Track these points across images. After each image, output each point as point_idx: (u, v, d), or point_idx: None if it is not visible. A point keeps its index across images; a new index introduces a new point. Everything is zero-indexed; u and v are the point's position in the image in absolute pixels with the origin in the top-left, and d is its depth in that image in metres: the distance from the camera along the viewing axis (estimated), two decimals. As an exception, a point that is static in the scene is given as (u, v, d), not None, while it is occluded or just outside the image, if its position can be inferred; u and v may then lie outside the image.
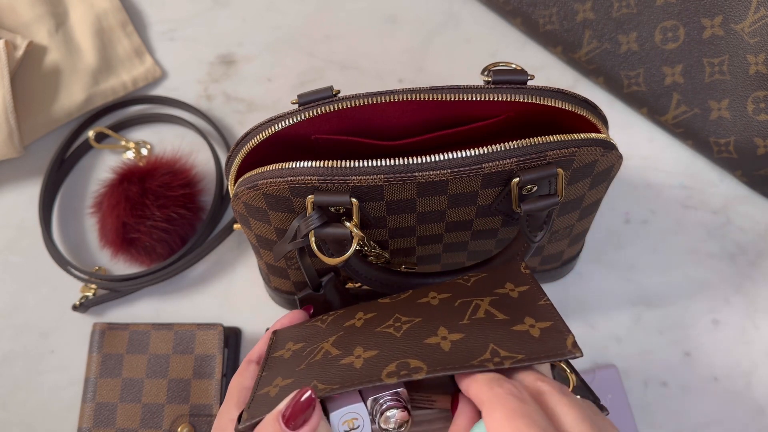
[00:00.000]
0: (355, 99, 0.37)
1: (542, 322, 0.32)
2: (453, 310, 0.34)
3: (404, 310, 0.35)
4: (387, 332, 0.33)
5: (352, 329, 0.35)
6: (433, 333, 0.32)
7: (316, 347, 0.35)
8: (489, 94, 0.37)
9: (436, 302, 0.35)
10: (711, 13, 0.50)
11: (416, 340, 0.32)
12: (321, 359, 0.33)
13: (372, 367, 0.31)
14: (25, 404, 0.52)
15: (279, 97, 0.60)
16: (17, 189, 0.58)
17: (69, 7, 0.60)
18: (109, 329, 0.52)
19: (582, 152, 0.36)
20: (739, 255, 0.55)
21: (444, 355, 0.30)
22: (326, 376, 0.31)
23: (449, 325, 0.33)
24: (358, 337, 0.34)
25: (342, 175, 0.35)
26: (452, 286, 0.37)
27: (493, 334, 0.31)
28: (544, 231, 0.39)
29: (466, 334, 0.32)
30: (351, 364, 0.32)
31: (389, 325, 0.34)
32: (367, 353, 0.32)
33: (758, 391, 0.51)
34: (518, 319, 0.32)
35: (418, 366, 0.30)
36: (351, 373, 0.31)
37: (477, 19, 0.62)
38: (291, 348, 0.37)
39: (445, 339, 0.32)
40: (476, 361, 0.30)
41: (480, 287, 0.36)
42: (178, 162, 0.55)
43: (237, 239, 0.56)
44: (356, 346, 0.33)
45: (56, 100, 0.58)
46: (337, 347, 0.34)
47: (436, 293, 0.36)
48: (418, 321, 0.34)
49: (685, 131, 0.55)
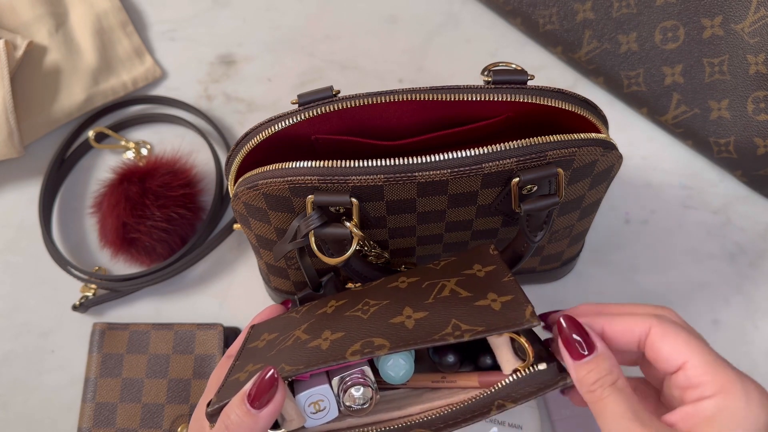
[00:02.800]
0: (355, 99, 0.37)
1: (504, 296, 0.33)
2: (419, 291, 0.35)
3: (373, 295, 0.37)
4: (355, 315, 0.35)
5: (323, 316, 0.37)
6: (398, 313, 0.34)
7: (288, 335, 0.37)
8: (489, 94, 0.37)
9: (405, 285, 0.37)
10: (711, 13, 0.50)
11: (382, 320, 0.34)
12: (291, 345, 0.35)
13: (337, 347, 0.33)
14: (25, 404, 0.52)
15: (279, 97, 0.60)
16: (17, 189, 0.58)
17: (69, 7, 0.60)
18: (109, 329, 0.52)
19: (582, 152, 0.36)
20: (739, 255, 0.55)
21: (407, 333, 0.32)
22: (293, 359, 0.33)
23: (414, 305, 0.34)
24: (328, 322, 0.36)
25: (342, 175, 0.35)
26: (422, 270, 0.38)
27: (456, 310, 0.33)
28: (544, 231, 0.39)
29: (430, 312, 0.33)
30: (318, 346, 0.33)
31: (357, 309, 0.36)
32: (334, 335, 0.34)
33: (758, 391, 0.51)
34: (481, 296, 0.33)
35: (381, 344, 0.32)
36: (317, 354, 0.33)
37: (477, 19, 0.62)
38: (265, 338, 0.38)
39: (410, 318, 0.33)
40: (437, 335, 0.31)
41: (448, 269, 0.37)
42: (178, 162, 0.55)
43: (237, 239, 0.56)
44: (324, 330, 0.35)
45: (56, 100, 0.58)
46: (307, 333, 0.35)
47: (405, 278, 0.38)
48: (386, 303, 0.35)
49: (685, 131, 0.55)
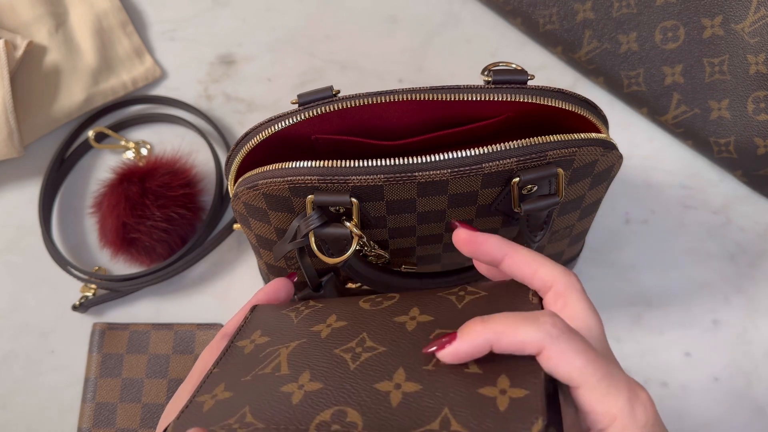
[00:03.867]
0: (355, 99, 0.37)
1: (517, 388, 0.26)
2: (424, 344, 0.30)
3: (374, 330, 0.32)
4: (343, 359, 0.31)
5: (315, 339, 0.33)
6: (388, 376, 0.29)
7: (274, 351, 0.33)
8: (489, 94, 0.37)
9: (413, 326, 0.31)
10: (711, 13, 0.50)
11: (367, 381, 0.29)
12: (269, 374, 0.31)
13: (308, 408, 0.28)
14: (25, 404, 0.52)
15: (279, 97, 0.60)
16: (17, 189, 0.58)
17: (69, 7, 0.60)
18: (109, 329, 0.52)
19: (582, 152, 0.36)
20: (739, 255, 0.55)
21: (388, 412, 0.27)
22: (260, 407, 0.29)
23: (411, 368, 0.29)
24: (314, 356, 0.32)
25: (342, 175, 0.35)
26: (441, 304, 0.33)
27: (454, 395, 0.27)
28: (544, 231, 0.39)
29: (424, 387, 0.27)
30: (290, 396, 0.29)
31: (350, 349, 0.31)
32: (311, 384, 0.29)
33: (758, 391, 0.51)
34: (491, 377, 0.27)
35: (353, 422, 0.27)
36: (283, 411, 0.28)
37: (477, 19, 0.62)
38: (255, 340, 0.35)
39: (399, 388, 0.28)
40: (420, 430, 0.26)
41: (470, 314, 0.31)
42: (178, 162, 0.55)
43: (237, 239, 0.56)
44: (305, 370, 0.30)
45: (56, 100, 0.58)
46: (290, 362, 0.32)
47: (418, 311, 0.33)
48: (381, 351, 0.30)
49: (685, 131, 0.55)
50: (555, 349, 0.26)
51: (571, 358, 0.26)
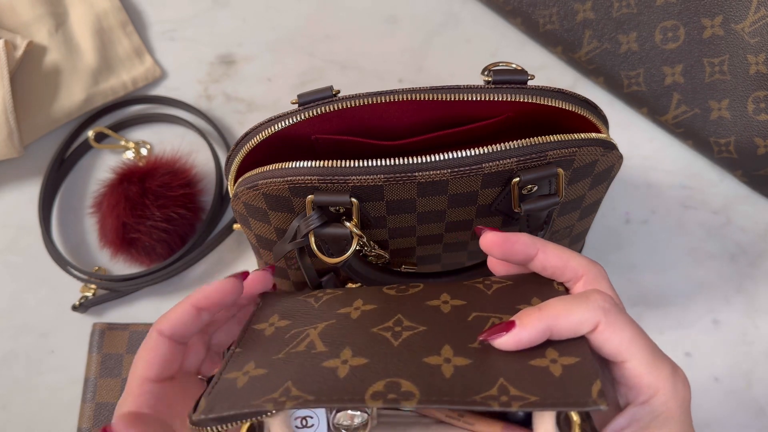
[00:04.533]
0: (355, 99, 0.37)
1: (567, 357, 0.27)
2: (465, 326, 0.29)
3: (409, 312, 0.31)
4: (383, 337, 0.29)
5: (345, 320, 0.31)
6: (436, 351, 0.28)
7: (302, 332, 0.31)
8: (489, 94, 0.37)
9: (448, 309, 0.31)
10: (711, 13, 0.50)
11: (415, 355, 0.28)
12: (303, 351, 0.29)
13: (357, 381, 0.27)
14: (25, 404, 0.52)
15: (279, 97, 0.60)
16: (17, 189, 0.58)
17: (69, 7, 0.60)
18: (109, 329, 0.52)
19: (582, 152, 0.36)
20: (739, 255, 0.55)
21: (443, 383, 0.26)
22: (303, 381, 0.27)
23: (456, 345, 0.28)
24: (350, 334, 0.30)
25: (342, 175, 0.35)
26: (470, 290, 0.32)
27: (506, 367, 0.27)
28: (544, 231, 0.39)
29: (474, 361, 0.27)
30: (335, 370, 0.28)
31: (388, 328, 0.30)
32: (355, 360, 0.28)
33: (758, 391, 0.51)
34: (539, 351, 0.27)
35: (409, 391, 0.25)
36: (331, 385, 0.27)
37: (477, 19, 0.62)
38: (275, 323, 0.33)
39: (449, 362, 0.27)
40: (479, 396, 0.25)
41: (501, 299, 0.31)
42: (178, 162, 0.55)
43: (237, 239, 0.56)
44: (345, 347, 0.29)
45: (56, 100, 0.58)
46: (324, 341, 0.30)
47: (449, 296, 0.32)
48: (422, 330, 0.29)
49: (686, 131, 0.55)
50: (607, 323, 0.27)
51: (622, 330, 0.27)
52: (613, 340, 0.27)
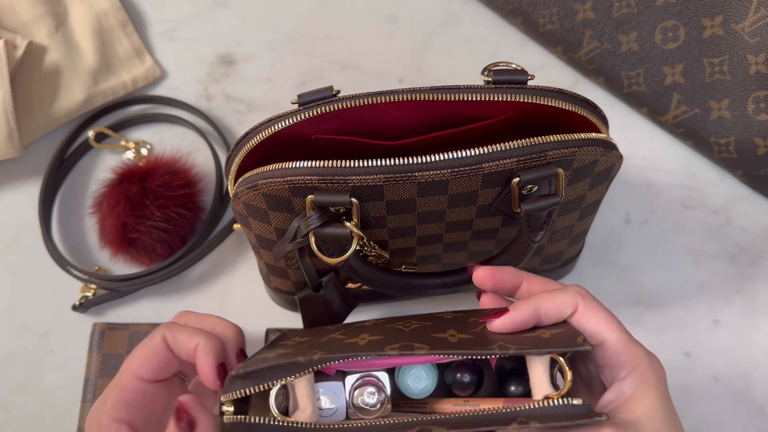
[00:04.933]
0: (355, 99, 0.37)
1: (554, 329, 0.33)
2: (465, 323, 0.35)
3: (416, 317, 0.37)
4: (396, 328, 0.35)
5: (360, 327, 0.36)
6: (442, 331, 0.34)
7: (323, 337, 0.36)
8: (489, 94, 0.37)
9: (450, 316, 0.37)
10: (711, 13, 0.50)
11: (424, 333, 0.33)
12: (326, 341, 0.34)
13: (375, 346, 0.32)
14: (25, 404, 0.52)
15: (279, 97, 0.60)
16: (17, 189, 0.58)
17: (69, 7, 0.60)
18: (109, 329, 0.52)
19: (582, 152, 0.36)
20: (739, 255, 0.55)
21: (449, 346, 0.32)
22: (328, 348, 0.32)
23: (459, 329, 0.34)
24: (366, 330, 0.35)
25: (342, 175, 0.35)
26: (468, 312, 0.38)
27: (502, 337, 0.33)
28: (544, 231, 0.39)
29: (475, 336, 0.33)
30: (355, 343, 0.33)
31: (399, 324, 0.36)
32: (372, 337, 0.33)
33: (758, 391, 0.51)
34: (530, 330, 0.33)
35: (420, 346, 0.31)
36: (354, 347, 0.32)
37: (477, 19, 0.62)
38: (297, 340, 0.37)
39: (454, 336, 0.33)
40: (481, 349, 0.31)
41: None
42: (178, 162, 0.55)
43: (237, 239, 0.56)
44: (362, 333, 0.34)
45: (56, 100, 0.58)
46: (343, 334, 0.35)
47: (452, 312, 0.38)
48: (429, 324, 0.35)
49: (686, 131, 0.55)
50: (585, 305, 0.32)
51: (598, 311, 0.32)
52: (591, 320, 0.32)
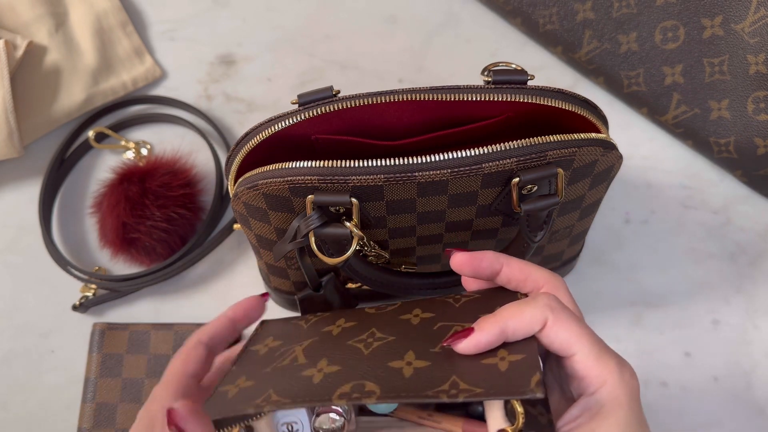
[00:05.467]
0: (355, 99, 0.37)
1: (515, 354, 0.30)
2: (429, 333, 0.33)
3: (382, 325, 0.35)
4: (356, 347, 0.33)
5: (327, 336, 0.35)
6: (399, 356, 0.32)
7: (289, 349, 0.35)
8: (489, 94, 0.37)
9: (417, 321, 0.34)
10: (711, 13, 0.50)
11: (381, 361, 0.32)
12: (288, 365, 0.33)
13: (328, 385, 0.31)
14: (25, 404, 0.52)
15: (279, 97, 0.60)
16: (17, 189, 0.58)
17: (69, 7, 0.60)
18: (109, 329, 0.52)
19: (582, 152, 0.36)
20: (739, 255, 0.55)
21: (402, 382, 0.30)
22: (283, 388, 0.31)
23: (419, 351, 0.32)
24: (328, 347, 0.34)
25: (342, 175, 0.35)
26: (440, 304, 0.36)
27: (460, 366, 0.30)
28: (544, 231, 0.39)
29: (432, 363, 0.31)
30: (310, 377, 0.31)
31: (361, 340, 0.34)
32: (329, 368, 0.32)
33: (758, 391, 0.51)
34: (492, 351, 0.31)
35: (371, 390, 0.30)
36: (306, 389, 0.31)
37: (477, 19, 0.62)
38: (268, 344, 0.37)
39: (410, 365, 0.31)
40: (431, 391, 0.29)
41: (467, 310, 0.34)
42: (178, 162, 0.55)
43: (237, 239, 0.56)
44: (322, 358, 0.33)
45: (56, 100, 0.58)
46: (306, 355, 0.34)
47: (420, 311, 0.36)
48: (391, 340, 0.33)
49: (685, 131, 0.55)
50: (555, 319, 0.30)
51: (568, 325, 0.30)
52: (560, 335, 0.30)
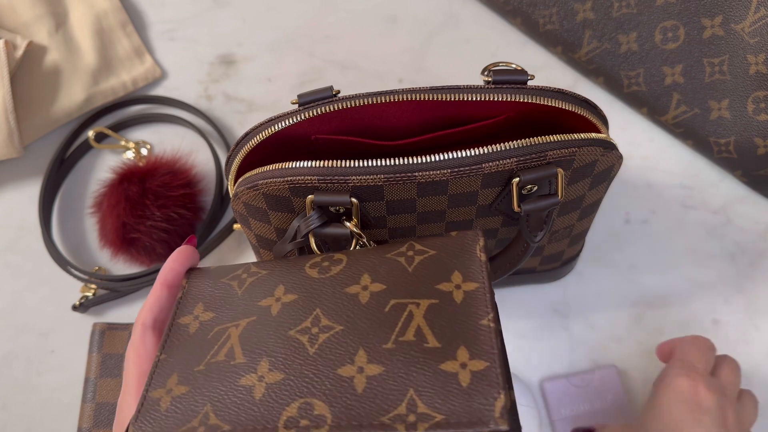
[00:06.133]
0: (355, 99, 0.37)
1: (477, 360, 0.27)
2: (381, 319, 0.30)
3: (327, 304, 0.31)
4: (300, 341, 0.30)
5: (265, 316, 0.32)
6: (349, 359, 0.29)
7: (224, 331, 0.32)
8: (489, 94, 0.37)
9: (366, 299, 0.31)
10: (711, 13, 0.50)
11: (329, 366, 0.29)
12: (223, 362, 0.30)
13: (272, 403, 0.28)
14: (25, 404, 0.52)
15: (279, 97, 0.60)
16: (17, 189, 0.58)
17: (69, 7, 0.60)
18: (109, 329, 0.52)
19: (582, 152, 0.36)
20: (739, 255, 0.55)
21: (355, 401, 0.27)
22: (222, 405, 0.28)
23: (370, 349, 0.29)
24: (267, 338, 0.31)
25: (342, 175, 0.35)
26: (391, 268, 0.32)
27: (417, 374, 0.27)
28: (544, 231, 0.39)
29: (387, 368, 0.28)
30: (251, 389, 0.29)
31: (305, 330, 0.31)
32: (271, 375, 0.29)
33: (758, 391, 0.51)
34: (450, 351, 0.28)
35: (321, 414, 0.27)
36: (247, 411, 0.28)
37: (477, 19, 0.62)
38: (199, 316, 0.33)
39: (362, 372, 0.28)
40: (387, 417, 0.26)
41: (422, 277, 0.31)
42: (178, 162, 0.55)
43: (237, 239, 0.56)
44: (263, 358, 0.30)
45: (56, 100, 0.58)
46: (243, 348, 0.31)
47: (370, 279, 0.32)
48: (339, 330, 0.30)
49: (685, 131, 0.55)
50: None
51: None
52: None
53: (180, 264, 0.35)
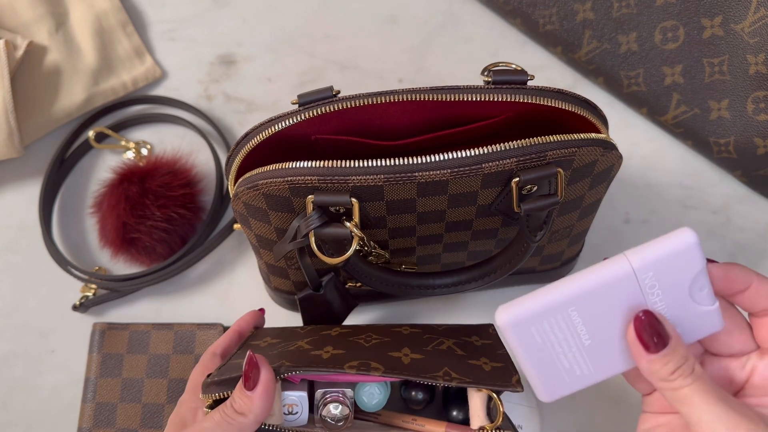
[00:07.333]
0: (355, 99, 0.37)
1: (495, 362, 0.36)
2: (420, 340, 0.38)
3: (377, 331, 0.40)
4: (357, 342, 0.38)
5: (327, 336, 0.39)
6: (397, 350, 0.36)
7: (291, 343, 0.38)
8: (489, 95, 0.37)
9: (407, 332, 0.40)
10: (711, 13, 0.50)
11: (381, 351, 0.36)
12: (293, 350, 0.37)
13: (337, 360, 0.35)
14: (25, 404, 0.52)
15: (279, 97, 0.60)
16: (17, 189, 0.58)
17: (69, 7, 0.60)
18: (109, 329, 0.52)
19: (582, 152, 0.36)
20: (739, 255, 0.55)
21: (402, 366, 0.35)
22: (295, 359, 0.35)
23: (413, 348, 0.37)
24: (331, 341, 0.38)
25: (342, 175, 0.35)
26: (424, 326, 0.41)
27: (450, 361, 0.36)
28: (544, 231, 0.39)
29: (426, 357, 0.36)
30: (319, 355, 0.36)
31: (360, 338, 0.38)
32: (335, 351, 0.36)
33: (758, 391, 0.51)
34: (475, 357, 0.37)
35: (376, 367, 0.34)
36: (317, 360, 0.35)
37: (477, 19, 0.62)
38: (268, 341, 0.40)
39: (407, 356, 0.36)
40: (429, 375, 0.34)
41: (449, 333, 0.40)
42: (178, 162, 0.55)
43: (237, 239, 0.56)
44: (327, 345, 0.37)
45: (56, 100, 0.58)
46: (310, 345, 0.37)
47: (409, 327, 0.41)
48: (387, 340, 0.38)
49: (685, 131, 0.55)
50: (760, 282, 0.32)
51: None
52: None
53: (252, 319, 0.44)
